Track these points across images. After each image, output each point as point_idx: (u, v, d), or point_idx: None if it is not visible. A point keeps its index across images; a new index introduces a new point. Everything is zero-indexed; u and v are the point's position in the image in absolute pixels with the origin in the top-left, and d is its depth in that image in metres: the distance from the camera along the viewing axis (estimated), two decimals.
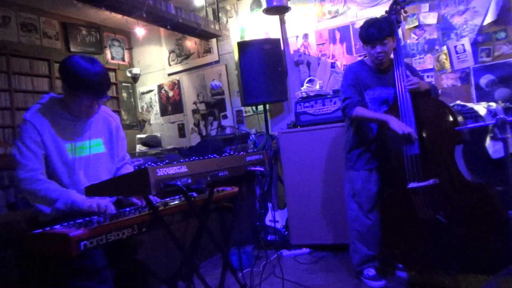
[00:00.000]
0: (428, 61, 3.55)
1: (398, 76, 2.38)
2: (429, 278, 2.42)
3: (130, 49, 5.74)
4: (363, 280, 2.56)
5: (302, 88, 3.71)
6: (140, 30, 5.07)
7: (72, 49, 4.97)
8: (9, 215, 2.62)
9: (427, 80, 3.50)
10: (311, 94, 3.48)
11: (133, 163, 2.18)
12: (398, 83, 2.36)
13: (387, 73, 2.52)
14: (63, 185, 1.77)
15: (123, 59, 5.64)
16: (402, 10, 2.55)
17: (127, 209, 1.76)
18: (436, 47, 3.53)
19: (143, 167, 1.29)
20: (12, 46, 4.36)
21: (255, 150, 3.76)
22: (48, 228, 1.42)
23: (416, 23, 3.59)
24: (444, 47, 3.49)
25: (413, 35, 3.59)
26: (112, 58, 5.50)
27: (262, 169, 1.82)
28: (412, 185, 2.23)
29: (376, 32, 2.37)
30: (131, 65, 5.70)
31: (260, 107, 4.26)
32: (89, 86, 1.72)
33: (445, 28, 3.49)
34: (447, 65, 3.48)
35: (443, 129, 2.23)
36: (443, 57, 3.50)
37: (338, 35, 3.98)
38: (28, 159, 1.69)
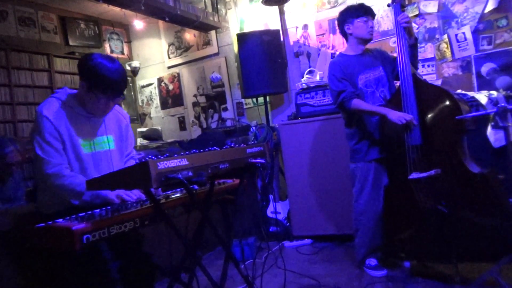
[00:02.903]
0: (429, 50, 3.53)
1: (401, 57, 2.36)
2: (431, 267, 2.43)
3: (129, 42, 5.72)
4: (365, 269, 2.57)
5: (302, 79, 3.69)
6: (138, 23, 5.05)
7: (71, 43, 4.96)
8: (12, 209, 2.63)
9: (428, 69, 3.51)
10: (312, 85, 3.46)
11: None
12: (400, 64, 2.35)
13: (367, 55, 2.61)
14: None
15: (122, 53, 5.62)
16: None
17: (129, 202, 1.76)
18: (437, 36, 3.51)
19: (144, 160, 1.28)
20: (11, 41, 4.35)
21: (256, 142, 3.76)
22: (50, 222, 1.42)
23: (417, 12, 3.56)
24: (445, 36, 3.46)
25: (413, 24, 3.54)
26: (111, 51, 5.48)
27: (263, 161, 1.81)
28: (413, 175, 2.22)
29: (372, 9, 2.57)
30: (130, 58, 5.68)
31: (261, 99, 4.25)
32: (108, 86, 1.74)
33: (446, 16, 3.46)
34: (448, 54, 3.46)
35: (445, 118, 2.22)
36: (444, 46, 3.47)
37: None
38: (51, 154, 1.72)
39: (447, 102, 2.22)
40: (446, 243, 2.17)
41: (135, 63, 5.59)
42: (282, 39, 4.11)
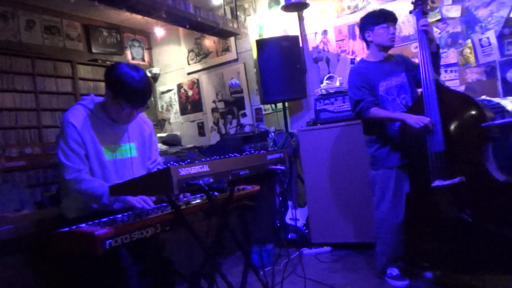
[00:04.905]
0: (451, 56, 3.46)
1: (423, 63, 2.31)
2: (455, 278, 2.36)
3: (149, 49, 5.81)
4: (386, 279, 2.52)
5: (321, 85, 3.67)
6: (159, 30, 5.12)
7: (93, 50, 5.08)
8: (35, 214, 2.67)
9: (450, 74, 3.45)
10: (331, 91, 3.44)
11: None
12: (421, 64, 2.31)
13: (389, 62, 2.56)
14: None
15: (143, 59, 5.71)
16: (429, 0, 2.48)
17: (149, 208, 1.77)
18: (460, 41, 3.44)
19: (165, 166, 1.29)
20: (36, 49, 4.49)
21: (275, 148, 3.75)
22: (74, 227, 1.45)
23: (439, 17, 3.49)
24: (468, 41, 3.39)
25: (435, 29, 3.49)
26: (133, 58, 5.58)
27: (283, 167, 1.80)
28: (436, 183, 2.17)
29: (394, 14, 2.52)
30: (151, 65, 5.77)
31: (279, 105, 4.24)
32: (132, 95, 1.76)
33: (469, 21, 3.38)
34: (472, 59, 3.39)
35: (469, 125, 2.17)
36: (467, 51, 3.40)
37: (358, 31, 3.87)
38: (72, 160, 1.74)
39: (471, 109, 2.17)
40: (471, 253, 2.11)
41: (155, 70, 5.67)
42: (301, 45, 4.10)
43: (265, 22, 4.54)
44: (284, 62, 3.75)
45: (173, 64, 5.58)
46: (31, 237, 1.91)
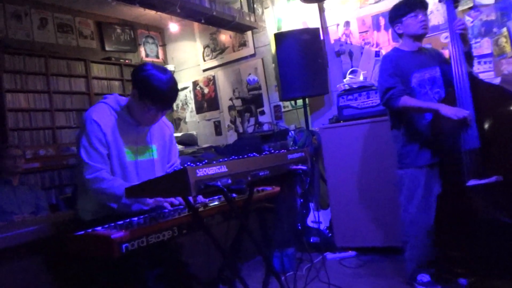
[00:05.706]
0: (485, 46, 3.29)
1: (454, 56, 2.21)
2: (491, 285, 2.21)
3: (164, 45, 5.80)
4: (416, 286, 2.39)
5: (344, 80, 3.58)
6: (173, 26, 5.11)
7: (107, 48, 5.08)
8: (52, 216, 2.66)
9: (484, 66, 3.30)
10: (355, 86, 3.33)
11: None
12: (454, 63, 2.21)
13: (424, 54, 2.47)
14: None
15: (157, 56, 5.69)
16: None
17: (166, 210, 1.77)
18: (494, 30, 3.26)
19: (182, 167, 1.29)
20: (50, 48, 4.49)
21: (295, 147, 3.66)
22: (90, 230, 1.45)
23: (471, 4, 3.33)
24: (504, 29, 3.21)
25: (467, 18, 3.33)
26: (147, 55, 5.57)
27: (304, 167, 1.79)
28: (471, 182, 2.07)
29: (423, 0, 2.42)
30: (165, 62, 5.76)
31: (299, 102, 4.16)
32: (159, 97, 1.77)
33: (505, 7, 3.20)
34: (508, 48, 3.20)
35: (506, 120, 2.08)
36: (502, 40, 3.22)
37: (382, 22, 3.78)
38: (94, 159, 1.74)
39: (508, 103, 2.09)
40: (509, 257, 2.01)
41: (170, 67, 5.61)
42: (322, 37, 4.00)
43: (284, 14, 4.44)
44: (304, 56, 3.67)
45: (188, 60, 5.53)
46: (48, 240, 1.92)
